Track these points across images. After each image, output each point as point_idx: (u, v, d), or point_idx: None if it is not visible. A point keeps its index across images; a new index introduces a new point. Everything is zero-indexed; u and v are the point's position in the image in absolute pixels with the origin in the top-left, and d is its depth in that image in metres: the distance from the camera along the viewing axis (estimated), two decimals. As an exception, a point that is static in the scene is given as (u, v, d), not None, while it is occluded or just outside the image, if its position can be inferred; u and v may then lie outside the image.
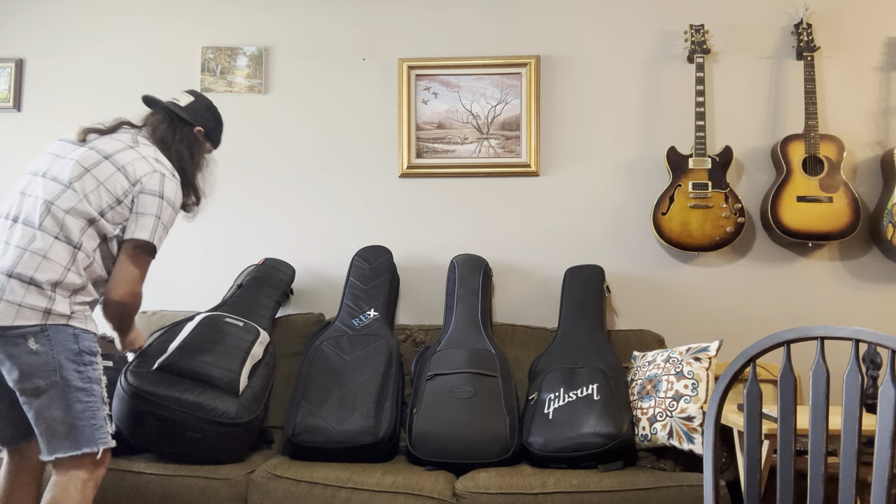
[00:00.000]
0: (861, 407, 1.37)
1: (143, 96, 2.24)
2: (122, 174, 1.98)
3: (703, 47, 3.03)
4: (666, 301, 3.09)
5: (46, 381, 1.82)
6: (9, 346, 1.81)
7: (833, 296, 3.04)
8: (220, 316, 2.60)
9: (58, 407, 1.83)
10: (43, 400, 1.83)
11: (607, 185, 3.15)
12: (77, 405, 1.85)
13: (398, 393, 2.64)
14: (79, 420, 1.85)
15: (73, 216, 1.91)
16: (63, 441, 1.84)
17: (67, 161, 1.99)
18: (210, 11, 3.32)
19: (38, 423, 1.84)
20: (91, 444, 1.86)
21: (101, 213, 1.94)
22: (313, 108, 3.27)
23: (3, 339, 1.81)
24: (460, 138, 3.19)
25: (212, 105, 2.29)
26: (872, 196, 3.03)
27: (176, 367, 2.36)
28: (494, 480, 2.21)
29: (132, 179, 1.98)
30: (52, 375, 1.82)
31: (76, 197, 1.92)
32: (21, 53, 3.37)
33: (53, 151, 2.06)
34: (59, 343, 1.84)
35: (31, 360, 1.81)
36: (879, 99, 3.08)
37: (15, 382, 1.83)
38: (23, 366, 1.81)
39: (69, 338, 1.86)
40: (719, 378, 1.52)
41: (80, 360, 1.87)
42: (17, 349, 1.81)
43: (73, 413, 1.84)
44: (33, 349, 1.81)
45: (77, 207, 1.92)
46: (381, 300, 2.91)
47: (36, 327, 1.82)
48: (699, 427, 2.31)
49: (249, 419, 2.38)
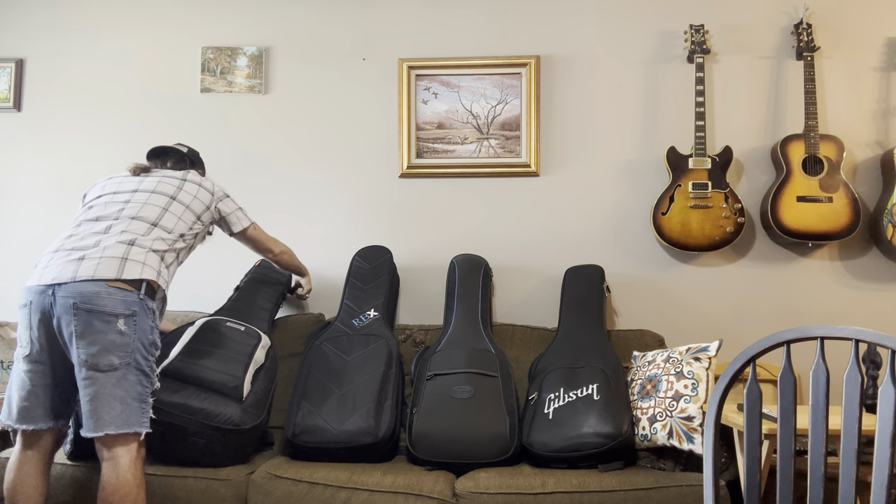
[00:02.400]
0: (861, 407, 1.37)
1: (175, 144, 2.62)
2: (195, 184, 2.43)
3: (703, 47, 3.03)
4: (666, 301, 3.09)
5: (122, 360, 2.01)
6: (100, 323, 2.01)
7: (833, 296, 3.04)
8: (221, 320, 2.60)
9: (122, 386, 2.01)
10: (111, 377, 2.00)
11: (607, 185, 3.16)
12: (138, 387, 2.04)
13: (398, 393, 2.64)
14: (135, 401, 2.03)
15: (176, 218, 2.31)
16: (117, 418, 1.99)
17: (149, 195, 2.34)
18: (210, 11, 3.32)
19: (95, 398, 1.99)
20: (139, 424, 2.03)
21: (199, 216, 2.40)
22: (313, 108, 3.27)
23: (97, 315, 2.01)
24: (460, 138, 3.20)
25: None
26: (872, 196, 3.04)
27: (179, 372, 2.36)
28: (494, 480, 2.21)
29: (208, 188, 2.46)
30: (128, 357, 2.03)
31: (180, 206, 2.34)
32: (21, 53, 3.37)
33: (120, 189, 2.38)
34: (141, 330, 2.06)
35: (116, 339, 2.01)
36: (879, 99, 3.08)
37: (91, 356, 1.99)
38: (107, 342, 2.00)
39: (149, 328, 2.10)
40: (719, 378, 1.52)
41: (150, 349, 2.10)
42: (107, 326, 2.01)
43: (133, 394, 2.03)
44: (122, 330, 2.03)
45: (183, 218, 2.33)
46: (381, 300, 2.91)
47: (128, 311, 2.05)
48: (699, 427, 2.31)
49: (253, 425, 2.37)
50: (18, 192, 3.34)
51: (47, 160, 3.31)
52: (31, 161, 3.33)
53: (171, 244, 2.25)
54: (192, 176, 2.44)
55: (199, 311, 3.13)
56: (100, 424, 1.99)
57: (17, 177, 3.34)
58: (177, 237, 2.29)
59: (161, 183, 2.37)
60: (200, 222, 2.39)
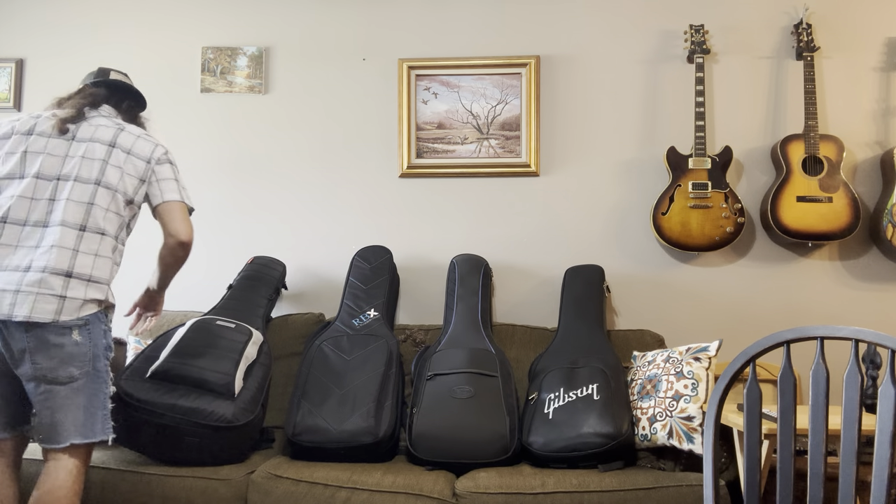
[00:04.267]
0: (861, 407, 1.37)
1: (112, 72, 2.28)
2: (134, 157, 2.10)
3: (703, 47, 3.03)
4: (666, 301, 3.09)
5: (81, 371, 1.94)
6: (56, 336, 1.91)
7: (833, 296, 3.04)
8: (211, 319, 2.60)
9: (84, 395, 1.95)
10: (72, 388, 1.93)
11: (607, 185, 3.16)
12: (100, 395, 1.98)
13: (398, 393, 2.64)
14: (99, 410, 1.97)
15: (107, 211, 2.04)
16: (81, 428, 1.93)
17: (79, 159, 2.05)
18: (210, 11, 3.32)
19: (57, 410, 1.91)
20: (102, 433, 1.98)
21: (130, 201, 2.09)
22: (313, 108, 3.27)
23: (50, 329, 1.90)
24: (460, 138, 3.20)
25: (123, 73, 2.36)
26: (872, 196, 3.04)
27: (170, 373, 2.35)
28: (494, 480, 2.21)
29: (145, 158, 2.11)
30: (87, 366, 1.95)
31: (108, 193, 2.04)
32: (21, 53, 3.37)
33: (51, 151, 2.06)
34: (95, 336, 1.98)
35: (73, 350, 1.93)
36: (879, 99, 3.08)
37: (49, 370, 1.90)
38: (64, 355, 1.92)
39: (101, 332, 2.00)
40: (719, 378, 1.52)
41: (106, 354, 2.02)
42: (63, 338, 1.91)
43: (96, 403, 1.97)
44: (77, 340, 1.93)
45: (113, 202, 2.05)
46: (381, 300, 2.91)
47: (80, 320, 1.94)
48: (699, 427, 2.31)
49: (247, 421, 2.37)
50: (18, 192, 3.33)
51: (47, 160, 3.31)
52: None
53: (113, 245, 2.06)
54: (123, 139, 2.10)
55: (195, 310, 3.13)
56: (65, 435, 1.92)
57: None
58: (115, 234, 2.07)
59: (84, 161, 2.04)
60: (135, 203, 2.12)
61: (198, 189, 3.25)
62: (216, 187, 3.25)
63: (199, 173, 3.26)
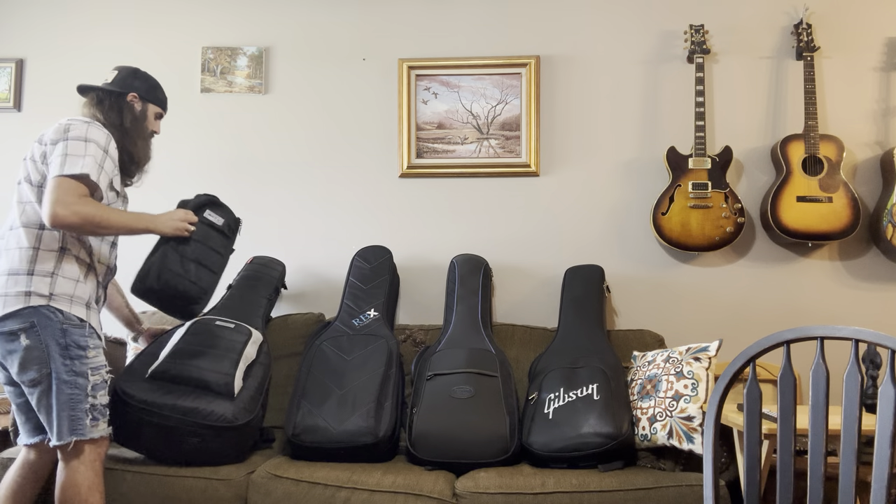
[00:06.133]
0: (861, 407, 1.37)
1: (77, 86, 2.29)
2: (38, 143, 2.09)
3: (703, 47, 3.03)
4: (666, 301, 3.09)
5: (40, 373, 1.96)
6: (8, 343, 1.97)
7: (833, 296, 3.04)
8: (211, 319, 2.59)
9: (48, 396, 1.97)
10: (39, 390, 1.97)
11: (607, 185, 3.16)
12: (64, 396, 1.97)
13: (398, 393, 2.64)
14: (67, 410, 1.97)
15: (31, 204, 2.05)
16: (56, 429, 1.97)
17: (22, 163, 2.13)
18: (210, 11, 3.32)
19: (38, 411, 2.00)
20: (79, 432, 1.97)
21: (41, 185, 2.05)
22: (313, 109, 3.27)
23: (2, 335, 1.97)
24: (460, 138, 3.20)
25: (137, 70, 2.33)
26: (872, 196, 3.04)
27: (169, 374, 2.35)
28: (494, 480, 2.21)
29: (44, 141, 2.07)
30: (45, 367, 1.96)
31: (29, 188, 2.06)
32: (21, 53, 3.37)
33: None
34: (48, 336, 1.97)
35: (26, 355, 1.96)
36: (879, 99, 3.08)
37: (17, 374, 1.98)
38: (20, 359, 1.96)
39: (57, 332, 1.98)
40: (719, 378, 1.52)
41: (66, 353, 1.98)
42: (14, 345, 1.96)
43: (61, 403, 1.97)
44: (25, 344, 1.95)
45: (32, 195, 2.05)
46: (381, 300, 2.91)
47: (25, 323, 1.95)
48: (699, 427, 2.31)
49: (247, 420, 2.36)
50: (18, 192, 3.33)
51: (47, 160, 3.31)
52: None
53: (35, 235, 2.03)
54: (50, 133, 2.07)
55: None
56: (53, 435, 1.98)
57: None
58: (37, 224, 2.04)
59: (23, 163, 2.09)
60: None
61: (198, 189, 3.25)
62: (216, 187, 3.24)
63: (199, 173, 3.26)
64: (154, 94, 2.33)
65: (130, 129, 2.24)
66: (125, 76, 2.29)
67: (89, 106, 2.23)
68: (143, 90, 2.30)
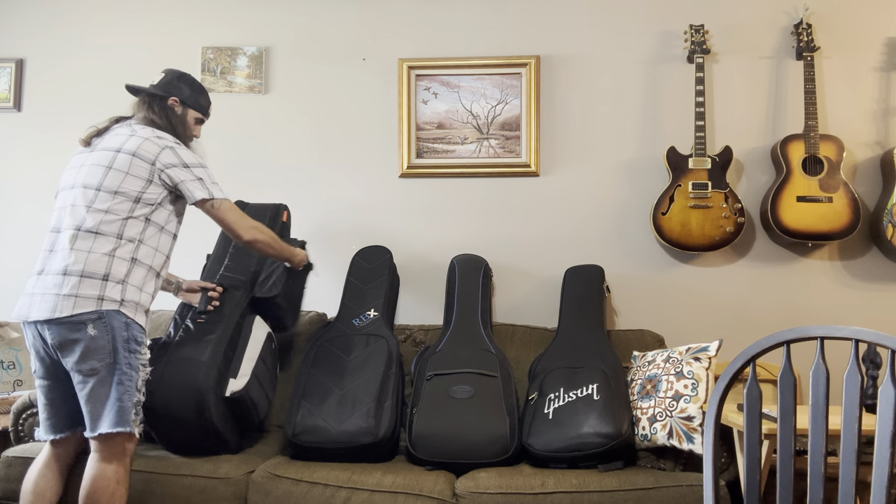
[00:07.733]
0: (861, 407, 1.37)
1: (126, 85, 2.36)
2: (139, 159, 2.15)
3: (703, 47, 3.03)
4: (666, 301, 3.09)
5: (101, 363, 2.03)
6: (72, 332, 2.02)
7: (833, 296, 3.04)
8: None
9: (107, 387, 2.04)
10: (96, 379, 2.03)
11: (607, 185, 3.15)
12: (120, 387, 2.05)
13: (398, 393, 2.64)
14: (119, 401, 2.04)
15: (112, 213, 2.11)
16: (106, 418, 2.02)
17: (89, 167, 2.17)
18: (210, 11, 3.32)
19: (87, 401, 2.04)
20: (128, 424, 2.04)
21: (137, 199, 2.14)
22: (313, 109, 3.27)
23: (67, 325, 2.02)
24: (460, 138, 3.20)
25: (183, 74, 2.39)
26: (872, 196, 3.03)
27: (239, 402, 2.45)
28: (494, 480, 2.21)
29: (150, 160, 2.16)
30: (107, 358, 2.04)
31: (109, 196, 2.12)
32: (21, 53, 3.37)
33: (73, 164, 2.24)
34: (114, 329, 2.05)
35: (91, 344, 2.03)
36: (879, 99, 3.08)
37: (74, 364, 2.03)
38: (83, 348, 2.02)
39: (122, 325, 2.07)
40: (719, 378, 1.51)
41: (127, 346, 2.07)
42: (79, 333, 2.02)
43: (118, 394, 2.04)
44: (92, 334, 2.02)
45: (113, 204, 2.12)
46: (381, 300, 2.90)
47: (94, 314, 2.03)
48: (699, 427, 2.31)
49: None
50: (18, 192, 3.34)
51: (47, 160, 3.31)
52: (31, 161, 3.33)
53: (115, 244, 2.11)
54: (130, 143, 2.17)
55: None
56: (95, 425, 2.03)
57: (17, 177, 3.34)
58: (117, 233, 2.12)
59: (93, 168, 2.16)
60: (144, 203, 2.16)
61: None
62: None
63: (199, 173, 3.26)
64: (195, 99, 2.38)
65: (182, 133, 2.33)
66: (170, 80, 2.35)
67: (141, 108, 2.30)
68: (185, 95, 2.35)
